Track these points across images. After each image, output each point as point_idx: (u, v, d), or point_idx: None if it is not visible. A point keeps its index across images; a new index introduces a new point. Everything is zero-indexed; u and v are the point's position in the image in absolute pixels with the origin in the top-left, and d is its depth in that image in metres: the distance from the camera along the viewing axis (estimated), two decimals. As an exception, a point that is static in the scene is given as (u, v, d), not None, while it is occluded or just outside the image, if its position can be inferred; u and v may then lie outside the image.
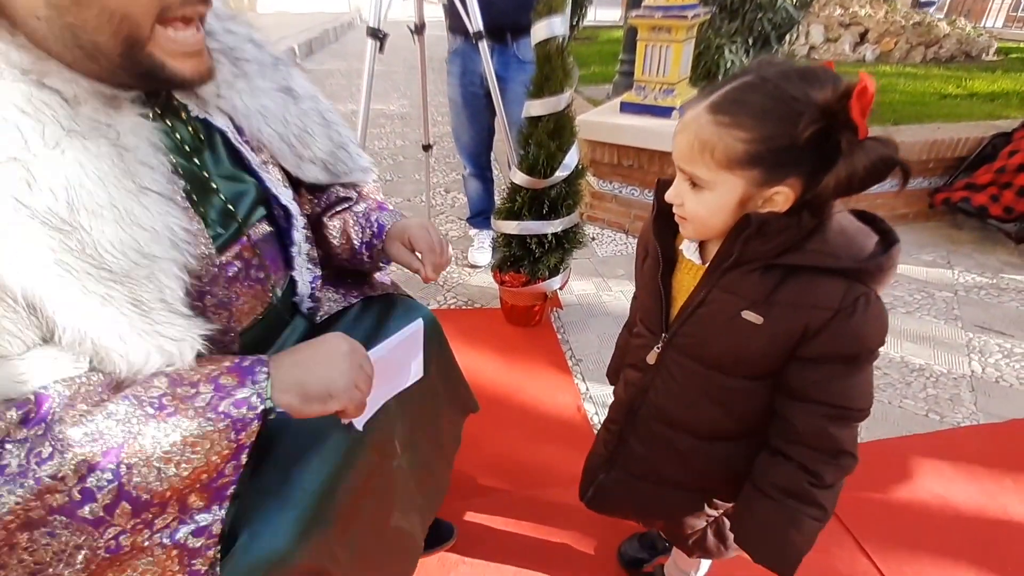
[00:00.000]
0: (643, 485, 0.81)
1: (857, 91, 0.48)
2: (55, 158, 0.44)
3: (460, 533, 1.16)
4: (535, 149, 1.48)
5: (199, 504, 0.50)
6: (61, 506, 0.44)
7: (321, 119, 0.76)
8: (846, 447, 0.62)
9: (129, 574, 0.48)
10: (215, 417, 0.49)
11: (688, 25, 2.08)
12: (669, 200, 0.63)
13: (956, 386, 1.57)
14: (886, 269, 0.57)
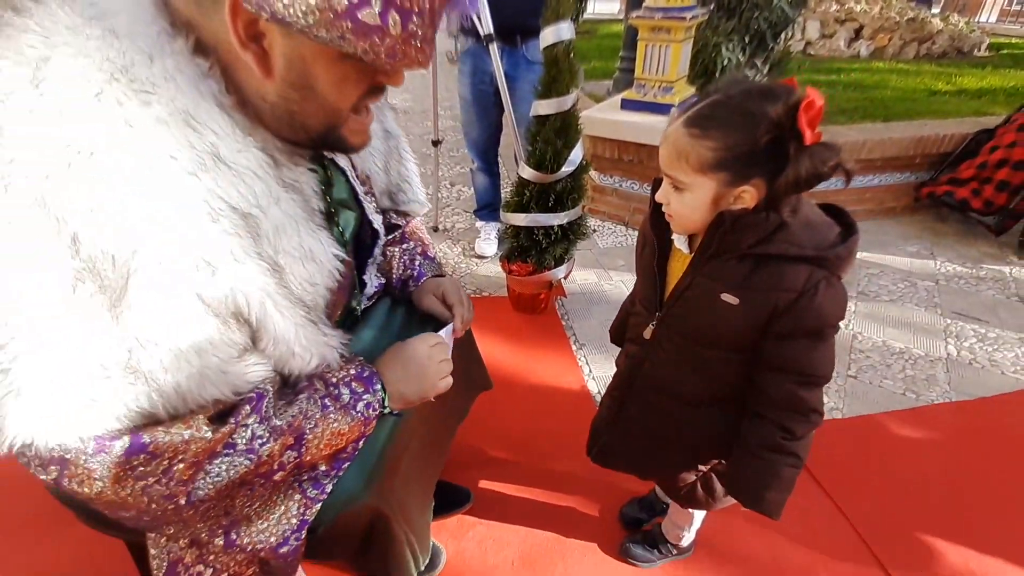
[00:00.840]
0: (640, 443, 0.93)
1: (804, 105, 0.58)
2: (273, 212, 0.54)
3: (476, 498, 1.28)
4: (543, 146, 1.59)
5: (323, 469, 0.66)
6: (263, 473, 0.58)
7: (399, 155, 0.89)
8: (813, 406, 0.73)
9: (272, 510, 0.64)
10: (354, 414, 0.65)
11: (687, 26, 2.18)
12: (659, 200, 0.73)
13: (932, 367, 1.69)
14: (844, 257, 0.67)
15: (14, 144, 0.43)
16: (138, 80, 0.46)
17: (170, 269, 0.47)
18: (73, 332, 0.45)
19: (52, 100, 0.43)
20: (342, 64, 0.52)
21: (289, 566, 0.68)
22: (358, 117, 0.60)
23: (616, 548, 1.18)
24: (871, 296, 2.05)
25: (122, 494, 0.51)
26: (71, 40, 0.45)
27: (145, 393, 0.49)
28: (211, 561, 0.67)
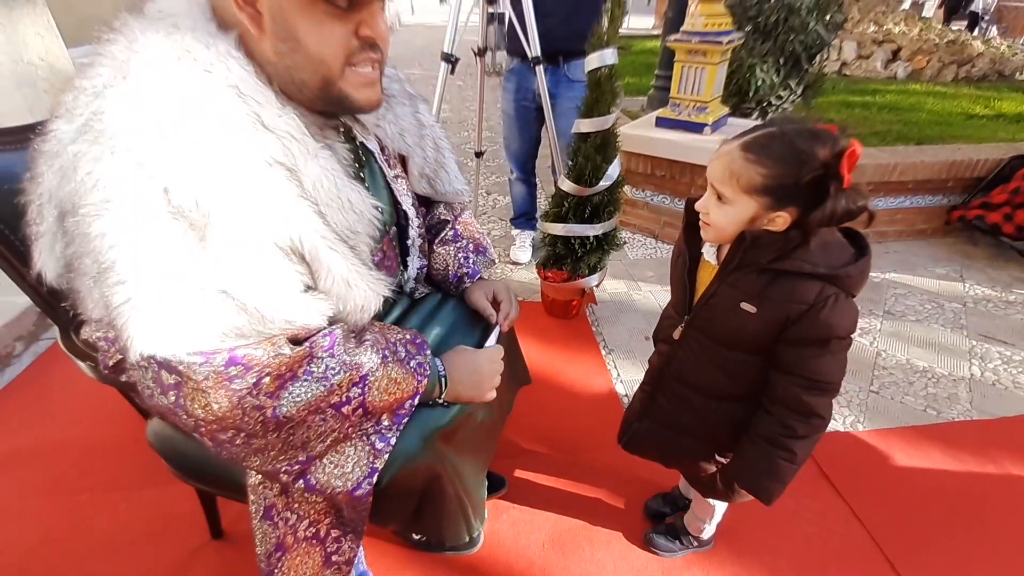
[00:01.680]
0: (667, 433, 1.02)
1: (848, 153, 0.68)
2: (311, 166, 0.65)
3: (511, 485, 1.38)
4: (583, 161, 1.70)
5: (387, 423, 0.75)
6: (333, 403, 0.67)
7: (434, 144, 0.97)
8: (816, 410, 0.81)
9: (340, 456, 0.73)
10: (408, 368, 0.75)
11: (723, 49, 2.27)
12: (699, 208, 0.83)
13: (955, 386, 1.73)
14: (855, 276, 0.76)
15: (112, 121, 0.56)
16: (200, 61, 0.58)
17: (238, 209, 0.58)
18: (175, 261, 0.56)
19: (134, 85, 0.57)
20: (313, 8, 0.60)
21: (360, 514, 0.77)
22: (357, 70, 0.67)
23: (640, 538, 1.27)
24: (897, 315, 2.09)
25: (222, 405, 0.61)
26: (145, 38, 0.59)
27: (234, 311, 0.59)
28: (295, 508, 0.80)
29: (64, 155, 0.58)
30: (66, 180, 0.58)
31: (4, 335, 1.77)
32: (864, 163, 2.48)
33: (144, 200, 0.55)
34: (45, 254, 0.66)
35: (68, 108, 0.60)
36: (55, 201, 0.61)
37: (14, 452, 1.45)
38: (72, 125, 0.58)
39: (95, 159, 0.55)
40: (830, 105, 3.73)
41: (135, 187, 0.55)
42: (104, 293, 0.57)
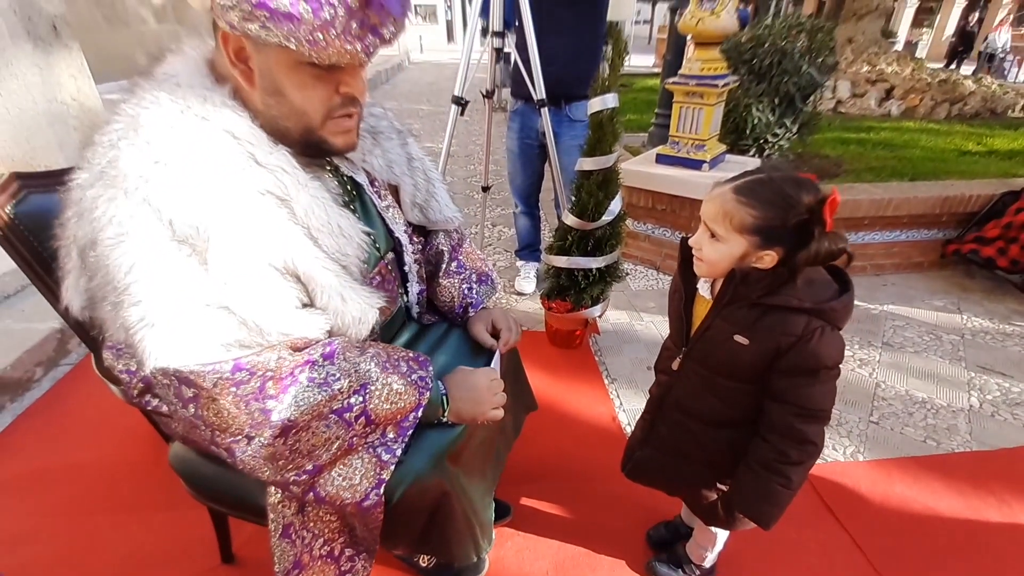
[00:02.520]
0: (668, 460, 1.06)
1: (829, 200, 0.75)
2: (302, 196, 0.72)
3: (515, 512, 1.40)
4: (585, 197, 1.78)
5: (392, 435, 0.78)
6: (335, 409, 0.71)
7: (424, 175, 1.04)
8: (809, 437, 0.85)
9: (348, 469, 0.76)
10: (410, 380, 0.79)
11: (719, 92, 2.38)
12: (692, 244, 0.89)
13: (954, 418, 1.75)
14: (839, 310, 0.81)
15: (124, 166, 0.64)
16: (198, 111, 0.67)
17: (234, 234, 0.65)
18: (181, 282, 0.63)
19: (144, 136, 0.65)
20: (299, 71, 0.68)
21: (372, 532, 0.80)
22: (337, 121, 0.75)
23: (643, 566, 1.28)
24: (896, 347, 2.13)
25: (230, 410, 0.66)
26: (152, 96, 0.68)
27: (236, 325, 0.66)
28: (311, 527, 0.84)
29: (84, 199, 0.66)
30: (84, 220, 0.65)
31: (25, 361, 1.83)
32: (859, 198, 2.56)
33: (152, 231, 0.63)
34: (71, 290, 0.74)
35: (88, 160, 0.68)
36: (77, 240, 0.69)
37: (33, 474, 1.49)
38: (90, 173, 0.66)
39: (110, 199, 0.63)
40: (826, 142, 3.85)
41: (144, 220, 0.63)
42: (122, 315, 0.64)
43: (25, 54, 2.25)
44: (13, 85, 2.29)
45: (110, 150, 0.65)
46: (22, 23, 2.24)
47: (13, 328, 1.93)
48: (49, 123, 2.35)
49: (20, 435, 1.64)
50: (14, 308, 2.06)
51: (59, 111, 2.37)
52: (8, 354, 1.79)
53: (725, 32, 2.34)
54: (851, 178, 3.06)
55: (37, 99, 2.32)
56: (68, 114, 2.40)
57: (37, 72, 2.29)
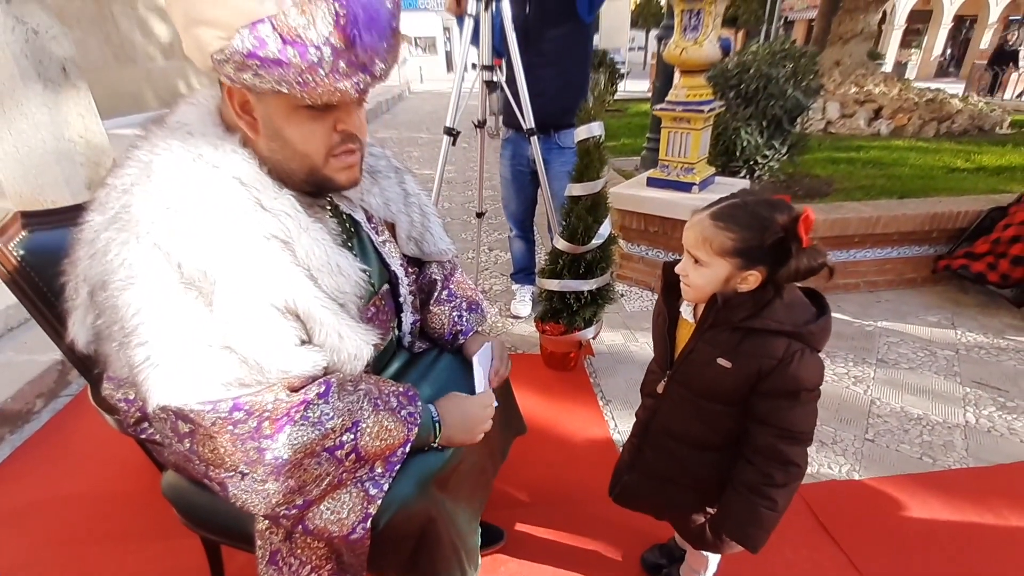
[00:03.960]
0: (655, 484, 1.06)
1: (803, 218, 0.78)
2: (304, 238, 0.76)
3: (509, 538, 1.40)
4: (575, 221, 1.82)
5: (380, 470, 0.80)
6: (327, 447, 0.74)
7: (420, 210, 1.09)
8: (793, 459, 0.86)
9: (336, 503, 0.78)
10: (399, 417, 0.81)
11: (705, 117, 2.45)
12: (678, 272, 0.92)
13: (950, 434, 1.75)
14: (817, 333, 0.83)
15: (137, 211, 0.67)
16: (209, 159, 0.71)
17: (239, 277, 0.68)
18: (187, 323, 0.66)
19: (156, 182, 0.69)
20: (296, 114, 0.72)
21: (359, 559, 0.81)
22: (339, 158, 0.79)
23: (638, 590, 1.28)
24: (890, 363, 2.13)
25: (227, 448, 0.69)
26: (165, 144, 0.71)
27: (237, 364, 0.68)
28: (298, 554, 0.84)
29: (97, 241, 0.69)
30: (97, 261, 0.68)
31: (26, 392, 1.86)
32: (849, 216, 2.60)
33: (161, 274, 0.66)
34: (78, 325, 0.77)
35: (101, 202, 0.71)
36: (88, 279, 0.72)
37: (30, 505, 1.50)
38: (104, 216, 0.70)
39: (122, 243, 0.67)
40: (816, 162, 3.92)
41: (154, 264, 0.66)
42: (128, 354, 0.66)
43: (35, 94, 2.34)
44: (23, 124, 2.37)
45: (123, 195, 0.68)
46: (33, 66, 2.34)
47: (15, 360, 1.96)
48: (57, 160, 2.43)
49: (18, 467, 1.65)
50: (17, 340, 2.10)
51: (66, 149, 2.45)
52: (10, 386, 1.82)
53: (709, 60, 2.41)
54: (841, 197, 3.10)
55: (45, 137, 2.40)
56: (75, 151, 2.48)
57: (46, 111, 2.38)
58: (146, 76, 8.27)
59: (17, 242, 1.00)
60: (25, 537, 1.41)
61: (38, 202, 2.46)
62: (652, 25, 18.23)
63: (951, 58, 20.73)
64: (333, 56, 0.65)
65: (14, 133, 2.38)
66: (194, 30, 0.65)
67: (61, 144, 2.43)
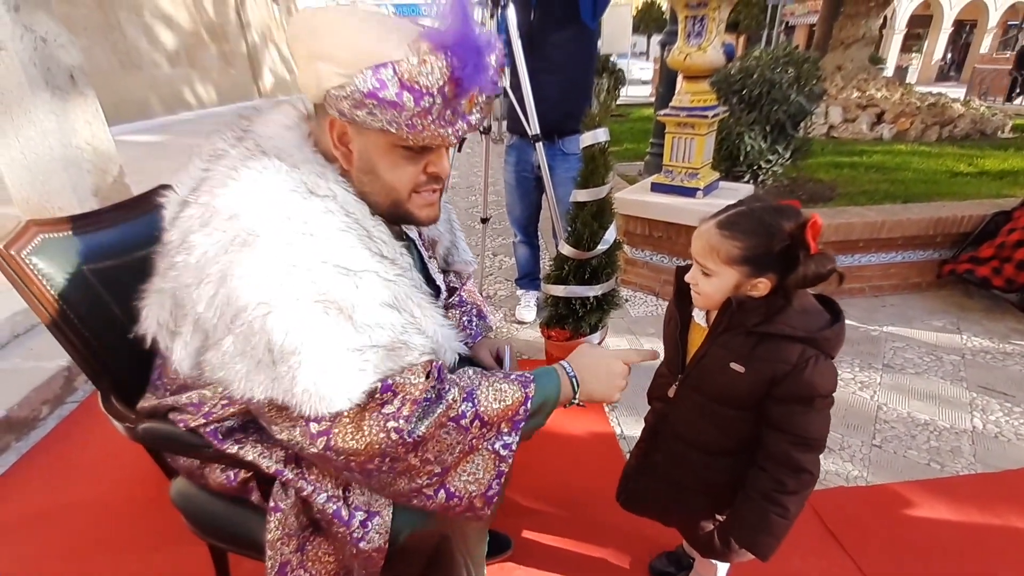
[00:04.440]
0: (664, 490, 1.06)
1: (810, 224, 0.78)
2: (392, 271, 0.78)
3: (516, 546, 1.39)
4: (581, 227, 1.82)
5: (506, 430, 0.80)
6: (452, 417, 0.75)
7: (449, 225, 1.13)
8: (805, 466, 0.86)
9: (470, 465, 0.79)
10: (512, 378, 0.82)
11: (709, 122, 2.46)
12: (688, 281, 0.92)
13: (957, 439, 1.74)
14: (831, 339, 0.83)
15: (264, 235, 0.67)
16: (320, 189, 0.73)
17: (368, 288, 0.71)
18: (335, 336, 0.68)
19: (279, 210, 0.69)
20: (392, 152, 0.76)
21: (370, 573, 0.82)
22: (422, 195, 0.82)
23: (646, 598, 1.27)
24: (896, 368, 2.13)
25: (373, 431, 0.71)
26: (274, 166, 0.72)
27: (383, 356, 0.71)
28: (308, 567, 0.84)
29: (209, 265, 0.67)
30: (219, 287, 0.67)
31: (32, 399, 1.86)
32: (853, 221, 2.60)
33: (301, 293, 0.67)
34: (180, 351, 0.75)
35: (202, 222, 0.69)
36: (200, 305, 0.69)
37: (35, 514, 1.50)
38: (213, 239, 0.68)
39: (254, 268, 0.66)
40: (819, 166, 3.92)
41: (292, 284, 0.67)
42: (280, 371, 0.67)
43: (43, 102, 2.36)
44: (31, 132, 2.39)
45: (234, 220, 0.68)
46: (42, 74, 2.36)
47: (22, 367, 1.97)
48: (64, 167, 2.45)
49: (24, 475, 1.65)
50: (23, 346, 2.10)
51: (74, 156, 2.46)
52: (16, 393, 1.82)
53: (712, 66, 2.42)
54: (845, 201, 3.10)
55: (53, 145, 2.41)
56: (82, 158, 2.50)
57: (54, 119, 2.40)
58: (151, 83, 8.34)
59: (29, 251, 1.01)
60: (30, 546, 1.41)
61: (46, 209, 2.47)
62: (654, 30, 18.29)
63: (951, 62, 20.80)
64: (442, 105, 0.69)
65: (22, 140, 2.40)
66: (316, 65, 0.69)
67: (68, 151, 2.44)
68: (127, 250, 1.07)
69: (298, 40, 0.72)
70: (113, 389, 1.04)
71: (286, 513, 0.83)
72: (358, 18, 0.70)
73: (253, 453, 0.83)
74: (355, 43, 0.68)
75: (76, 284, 0.98)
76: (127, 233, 1.10)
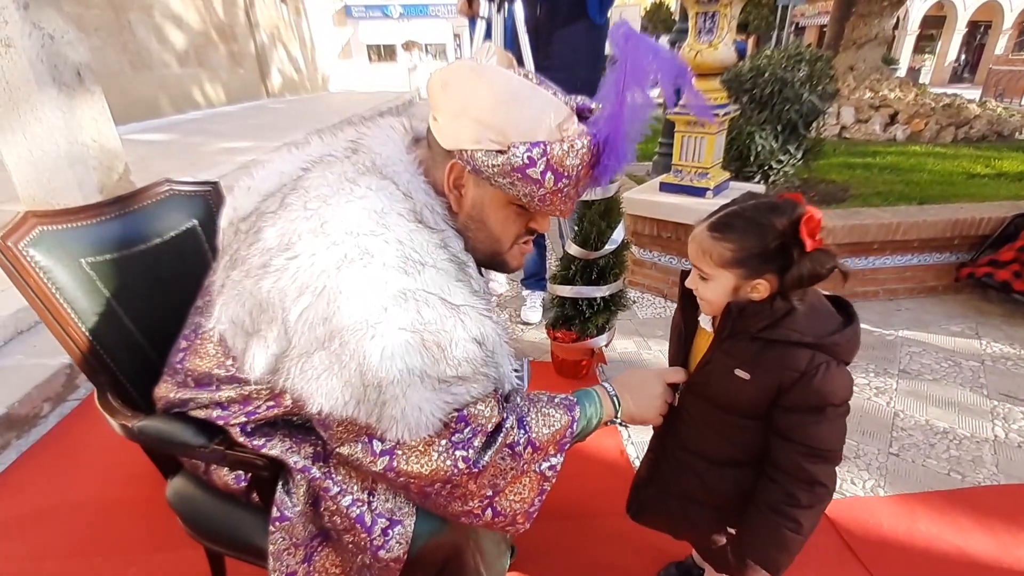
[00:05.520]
0: (673, 501, 1.01)
1: (805, 219, 0.73)
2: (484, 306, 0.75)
3: (520, 553, 1.36)
4: (588, 226, 1.78)
5: (552, 452, 0.81)
6: (508, 443, 0.75)
7: None
8: (819, 479, 0.80)
9: (518, 486, 0.79)
10: (557, 403, 0.83)
11: (720, 121, 2.41)
12: (688, 286, 0.88)
13: (979, 449, 1.68)
14: (843, 344, 0.78)
15: (381, 258, 0.65)
16: (430, 222, 0.73)
17: (466, 324, 0.69)
18: (427, 370, 0.66)
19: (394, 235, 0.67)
20: (507, 209, 0.77)
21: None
22: (520, 247, 0.85)
23: (655, 610, 1.23)
24: (913, 374, 2.07)
25: (441, 457, 0.70)
26: (389, 190, 0.71)
27: (464, 388, 0.70)
28: None
29: (318, 279, 0.65)
30: (321, 299, 0.64)
31: (34, 396, 1.85)
32: (867, 223, 2.54)
33: (405, 322, 0.64)
34: (259, 355, 0.71)
35: (313, 231, 0.66)
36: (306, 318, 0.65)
37: (35, 514, 1.48)
38: (324, 251, 0.65)
39: (365, 285, 0.64)
40: (832, 167, 3.85)
41: (399, 311, 0.64)
42: (368, 396, 0.65)
43: (49, 99, 2.36)
44: (37, 128, 2.39)
45: (354, 237, 0.66)
46: (49, 71, 2.35)
47: (24, 364, 1.96)
48: (70, 164, 2.44)
49: (23, 473, 1.63)
50: (26, 343, 2.09)
51: (80, 152, 2.46)
52: (17, 390, 1.81)
53: (723, 64, 2.38)
54: (858, 203, 3.04)
55: (59, 141, 2.41)
56: (88, 155, 2.49)
57: (60, 116, 2.39)
58: (161, 83, 8.39)
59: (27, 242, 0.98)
60: (28, 545, 1.39)
61: (51, 205, 2.47)
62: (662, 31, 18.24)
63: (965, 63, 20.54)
64: (573, 184, 0.72)
65: (28, 137, 2.40)
66: (466, 122, 0.70)
67: (74, 148, 2.44)
68: (127, 244, 1.05)
69: (448, 91, 0.72)
70: (111, 386, 1.01)
71: (293, 522, 0.80)
72: (515, 87, 0.70)
73: (280, 448, 0.81)
74: (515, 115, 0.69)
75: (74, 277, 0.96)
76: (128, 227, 1.07)
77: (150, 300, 1.05)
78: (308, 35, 14.85)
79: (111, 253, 1.01)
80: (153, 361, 0.98)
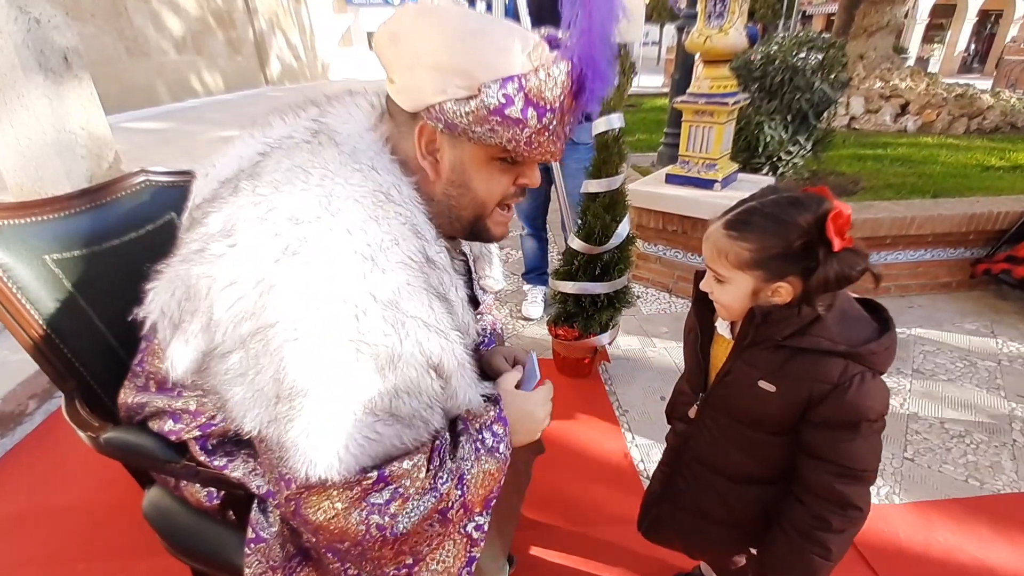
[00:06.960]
0: (689, 519, 0.95)
1: (832, 215, 0.66)
2: (452, 295, 0.69)
3: (519, 563, 1.30)
4: (592, 220, 1.71)
5: (478, 510, 0.71)
6: (440, 510, 0.66)
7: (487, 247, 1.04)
8: (853, 501, 0.74)
9: (442, 550, 0.70)
10: (497, 456, 0.72)
11: (729, 110, 2.32)
12: (703, 289, 0.81)
13: (997, 453, 1.61)
14: (878, 352, 0.71)
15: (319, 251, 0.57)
16: (395, 204, 0.64)
17: (414, 334, 0.61)
18: (357, 390, 0.58)
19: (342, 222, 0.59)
20: (490, 165, 0.68)
21: None
22: (501, 212, 0.76)
23: (659, 623, 1.17)
24: (927, 374, 2.00)
25: (351, 520, 0.61)
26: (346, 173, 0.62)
27: (396, 433, 0.62)
28: None
29: (256, 267, 0.57)
30: (253, 292, 0.57)
31: (19, 393, 1.79)
32: (880, 216, 2.46)
33: (337, 329, 0.56)
34: (178, 351, 0.64)
35: (259, 217, 0.59)
36: (232, 310, 0.58)
37: (17, 516, 1.43)
38: (265, 240, 0.58)
39: (300, 282, 0.56)
40: (841, 159, 3.75)
41: (332, 314, 0.56)
42: (279, 411, 0.57)
43: (36, 85, 2.28)
44: (24, 116, 2.31)
45: (297, 226, 0.58)
46: (35, 56, 2.27)
47: (9, 359, 1.90)
48: (58, 152, 2.37)
49: (6, 473, 1.58)
50: (10, 339, 2.03)
51: (68, 140, 2.38)
52: (2, 387, 1.75)
53: (734, 50, 2.28)
54: (870, 195, 2.95)
55: (47, 129, 2.33)
56: (77, 143, 2.42)
57: (47, 102, 2.32)
58: (158, 70, 8.27)
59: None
60: (11, 551, 1.34)
61: (39, 194, 2.40)
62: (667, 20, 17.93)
63: (975, 53, 20.22)
64: (559, 118, 0.63)
65: (15, 125, 2.32)
66: (423, 73, 0.61)
67: (62, 136, 2.36)
68: (98, 239, 0.98)
69: (399, 43, 0.63)
70: (80, 392, 0.95)
71: (269, 544, 0.74)
72: (471, 21, 0.62)
73: (243, 469, 0.74)
74: (477, 52, 0.59)
75: (38, 276, 0.89)
76: (99, 221, 1.00)
77: (124, 299, 0.97)
78: (308, 22, 14.65)
79: (80, 249, 0.94)
80: (127, 365, 0.92)
